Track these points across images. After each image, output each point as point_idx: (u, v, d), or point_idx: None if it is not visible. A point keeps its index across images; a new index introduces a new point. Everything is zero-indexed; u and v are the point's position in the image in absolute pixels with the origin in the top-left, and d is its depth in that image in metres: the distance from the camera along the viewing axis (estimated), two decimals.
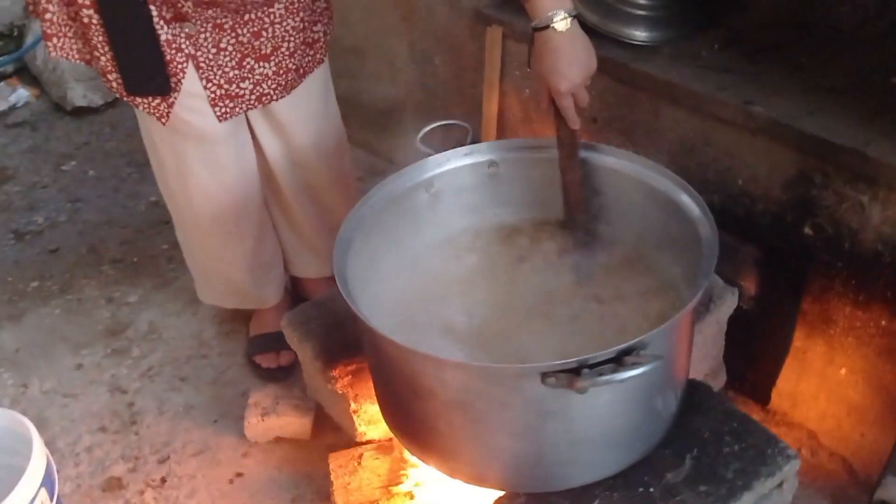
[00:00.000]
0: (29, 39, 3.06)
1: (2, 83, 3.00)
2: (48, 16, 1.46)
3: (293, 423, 1.70)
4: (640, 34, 1.64)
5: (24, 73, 3.05)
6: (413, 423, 1.25)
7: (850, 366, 1.48)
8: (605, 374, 1.04)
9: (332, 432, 1.68)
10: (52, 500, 1.44)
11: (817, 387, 1.57)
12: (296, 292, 2.01)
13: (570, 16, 1.22)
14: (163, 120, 1.53)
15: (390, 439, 1.54)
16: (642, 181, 1.31)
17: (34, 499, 1.39)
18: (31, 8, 1.51)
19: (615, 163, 1.35)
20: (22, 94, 2.97)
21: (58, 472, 1.46)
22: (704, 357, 1.60)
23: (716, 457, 1.26)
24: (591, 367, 1.04)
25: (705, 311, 1.51)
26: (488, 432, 1.17)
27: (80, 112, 2.88)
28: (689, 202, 1.23)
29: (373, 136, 2.40)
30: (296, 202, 1.81)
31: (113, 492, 1.67)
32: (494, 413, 1.13)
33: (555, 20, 1.21)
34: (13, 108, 2.93)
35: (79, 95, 2.86)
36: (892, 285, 1.35)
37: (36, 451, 1.42)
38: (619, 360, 1.06)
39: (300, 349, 1.58)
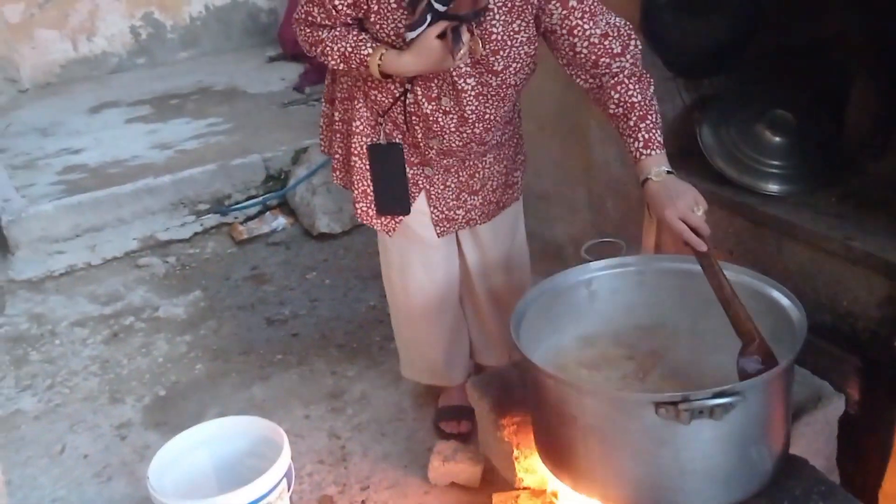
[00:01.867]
0: (291, 181, 3.91)
1: (268, 213, 3.84)
2: (336, 157, 2.12)
3: (466, 470, 2.13)
4: (770, 187, 2.06)
5: (285, 206, 3.89)
6: (557, 447, 1.65)
7: None
8: (704, 408, 1.42)
9: (497, 484, 2.09)
10: (288, 491, 1.96)
11: None
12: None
13: (665, 172, 1.69)
14: (390, 233, 2.10)
15: (543, 491, 1.93)
16: (751, 286, 1.71)
17: (279, 483, 1.92)
18: (323, 148, 2.19)
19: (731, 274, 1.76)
20: (281, 221, 3.79)
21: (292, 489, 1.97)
22: (816, 453, 1.88)
23: None
24: (693, 401, 1.43)
25: (813, 408, 1.82)
26: (614, 454, 1.56)
27: (323, 237, 3.63)
28: (782, 297, 1.62)
29: (551, 264, 2.91)
30: (485, 302, 2.31)
31: None
32: (619, 437, 1.53)
33: (651, 174, 1.69)
34: (274, 231, 3.75)
35: (324, 224, 3.62)
36: None
37: (285, 450, 1.95)
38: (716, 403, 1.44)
39: (478, 404, 2.04)
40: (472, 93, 1.85)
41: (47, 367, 2.94)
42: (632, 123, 1.75)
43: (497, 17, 1.75)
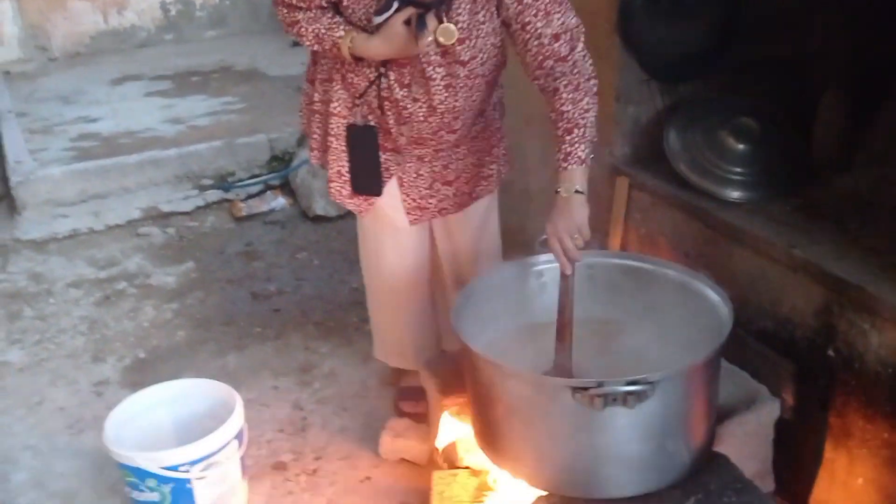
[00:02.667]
0: (294, 163, 4.00)
1: (269, 192, 3.93)
2: (314, 137, 2.19)
3: (415, 447, 2.20)
4: (730, 193, 2.10)
5: (286, 187, 3.98)
6: (487, 427, 1.72)
7: (865, 475, 1.76)
8: (617, 395, 1.48)
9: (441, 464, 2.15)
10: (239, 451, 2.04)
11: (843, 496, 1.83)
12: None
13: (575, 190, 1.72)
14: (361, 214, 2.17)
15: (481, 471, 1.99)
16: (684, 282, 1.76)
17: (228, 443, 2.00)
18: (303, 127, 2.27)
19: (659, 269, 1.82)
20: (280, 201, 3.88)
21: (244, 451, 2.05)
22: (750, 456, 1.91)
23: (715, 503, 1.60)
24: (605, 387, 1.48)
25: (746, 409, 1.86)
26: (535, 436, 1.61)
27: (318, 219, 3.71)
28: (713, 294, 1.67)
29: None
30: (452, 289, 2.37)
31: (279, 471, 2.24)
32: (539, 420, 1.59)
33: (561, 188, 1.73)
34: (272, 210, 3.84)
35: (320, 207, 3.70)
36: (891, 401, 1.66)
37: (237, 411, 2.03)
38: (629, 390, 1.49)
39: (428, 384, 2.10)
40: (442, 83, 1.90)
41: (38, 324, 3.05)
42: (559, 133, 1.77)
43: (462, 6, 1.81)
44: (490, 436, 1.73)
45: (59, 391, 2.67)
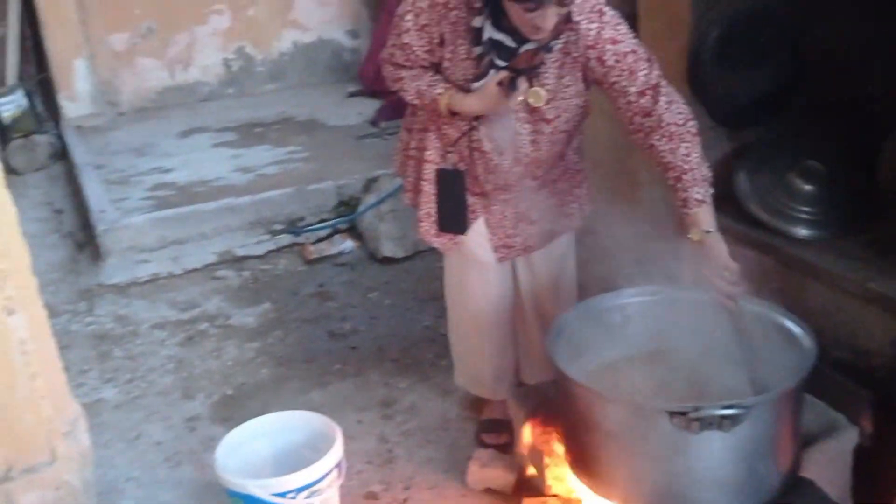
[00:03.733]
0: (361, 207, 4.17)
1: (337, 236, 4.10)
2: (408, 179, 2.35)
3: (501, 476, 2.30)
4: (799, 231, 2.21)
5: (353, 231, 4.15)
6: (583, 452, 1.82)
7: None
8: (713, 419, 1.58)
9: (529, 491, 2.25)
10: (338, 479, 2.16)
11: None
12: None
13: (705, 231, 1.83)
14: (447, 252, 2.32)
15: (571, 498, 2.09)
16: (769, 317, 1.86)
17: (330, 472, 2.12)
18: (396, 170, 2.43)
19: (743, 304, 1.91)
20: (349, 244, 4.04)
21: (342, 480, 2.17)
22: (829, 482, 1.98)
23: None
24: (702, 411, 1.59)
25: (827, 437, 1.94)
26: (633, 460, 1.72)
27: (386, 261, 3.87)
28: (795, 327, 1.77)
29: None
30: (533, 323, 2.48)
31: (371, 500, 2.36)
32: (637, 444, 1.69)
33: (691, 233, 1.85)
34: (341, 253, 4.00)
35: (388, 249, 3.86)
36: None
37: (338, 442, 2.16)
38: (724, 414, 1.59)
39: (517, 414, 2.21)
40: (528, 138, 2.07)
41: (128, 363, 3.22)
42: (670, 182, 1.90)
43: (550, 71, 1.98)
44: (586, 462, 1.84)
45: (154, 426, 2.82)
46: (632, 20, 2.10)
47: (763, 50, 2.35)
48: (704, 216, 1.85)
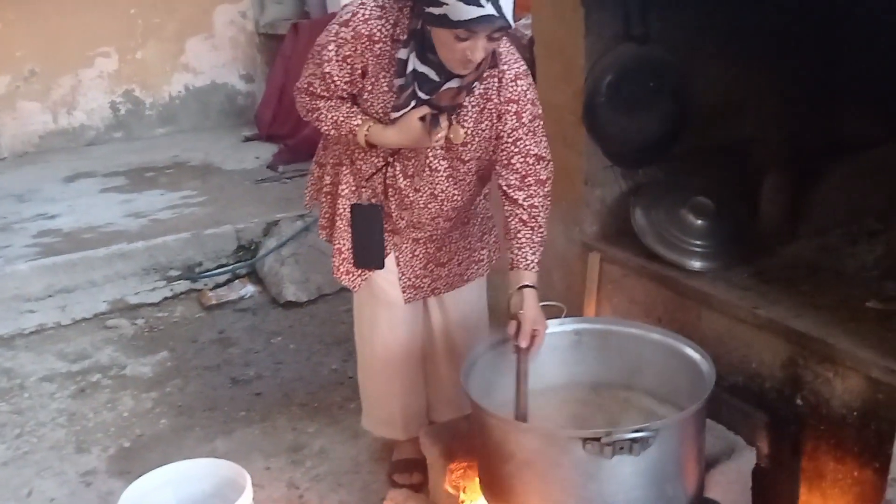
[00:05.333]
0: (261, 252, 4.12)
1: (237, 281, 4.03)
2: (324, 216, 2.34)
3: None
4: (693, 263, 2.33)
5: (253, 275, 4.09)
6: (499, 484, 1.84)
7: None
8: (624, 443, 1.64)
9: None
10: None
11: None
12: None
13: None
14: (355, 289, 2.31)
15: None
16: (669, 345, 1.96)
17: None
18: (307, 204, 2.42)
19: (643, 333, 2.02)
20: (249, 289, 3.98)
21: None
22: (733, 503, 2.09)
23: None
24: (614, 436, 1.64)
25: (727, 459, 2.04)
26: (548, 489, 1.75)
27: (289, 305, 3.82)
28: (694, 353, 1.87)
29: None
30: (444, 362, 2.49)
31: None
32: (552, 472, 1.73)
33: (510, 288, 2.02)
34: (242, 298, 3.93)
35: (290, 293, 3.82)
36: (858, 442, 1.86)
37: (248, 488, 2.10)
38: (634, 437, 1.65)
39: (430, 451, 2.22)
40: (444, 174, 2.11)
41: (16, 418, 3.05)
42: (506, 238, 2.11)
43: (469, 114, 2.03)
44: (502, 493, 1.86)
45: (47, 482, 2.67)
46: (530, 65, 2.18)
47: (650, 96, 2.50)
48: (522, 276, 2.05)
